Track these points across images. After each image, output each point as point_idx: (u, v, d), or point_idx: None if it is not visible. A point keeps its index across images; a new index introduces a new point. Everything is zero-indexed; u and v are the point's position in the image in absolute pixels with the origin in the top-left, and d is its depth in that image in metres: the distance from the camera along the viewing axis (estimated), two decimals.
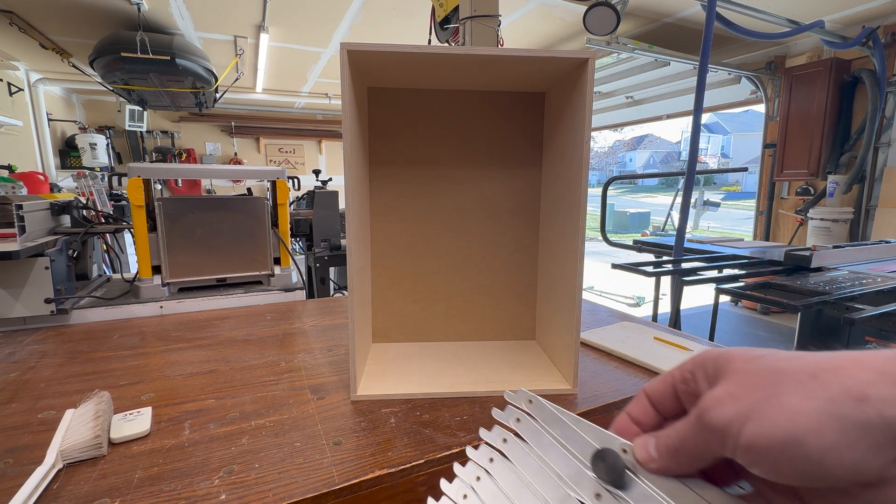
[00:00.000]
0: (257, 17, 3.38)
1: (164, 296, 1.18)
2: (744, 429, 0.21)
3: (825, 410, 0.19)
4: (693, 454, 0.24)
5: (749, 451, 0.21)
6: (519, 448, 0.32)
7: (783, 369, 0.21)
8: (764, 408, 0.21)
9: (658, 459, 0.25)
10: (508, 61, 0.66)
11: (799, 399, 0.20)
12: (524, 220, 0.89)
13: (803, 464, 0.19)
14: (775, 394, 0.21)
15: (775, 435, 0.20)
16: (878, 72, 3.28)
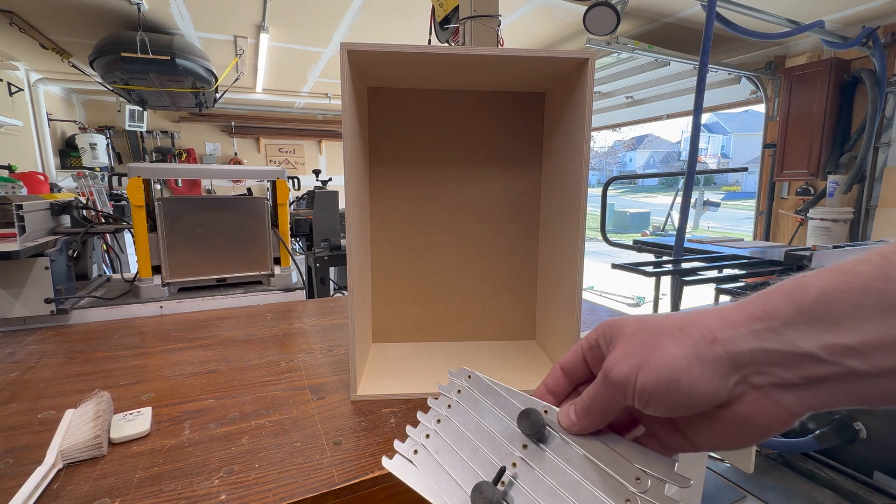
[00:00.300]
0: (257, 17, 3.38)
1: (164, 296, 1.18)
2: (638, 378, 0.27)
3: (691, 353, 0.26)
4: (603, 409, 0.30)
5: (642, 394, 0.27)
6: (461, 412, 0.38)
7: (660, 328, 0.28)
8: (649, 359, 0.27)
9: (578, 422, 0.31)
10: (508, 61, 0.66)
11: (672, 348, 0.26)
12: (524, 220, 0.89)
13: (679, 396, 0.26)
14: (656, 347, 0.27)
15: (659, 378, 0.26)
16: (878, 72, 3.28)
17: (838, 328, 0.22)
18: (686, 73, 4.23)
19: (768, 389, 0.24)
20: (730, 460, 0.87)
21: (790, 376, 0.24)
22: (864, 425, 1.71)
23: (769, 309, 0.24)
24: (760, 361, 0.24)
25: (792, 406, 0.24)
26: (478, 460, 0.35)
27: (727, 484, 1.85)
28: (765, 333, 0.24)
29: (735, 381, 0.25)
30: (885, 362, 0.21)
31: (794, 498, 1.78)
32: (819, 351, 0.23)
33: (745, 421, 0.25)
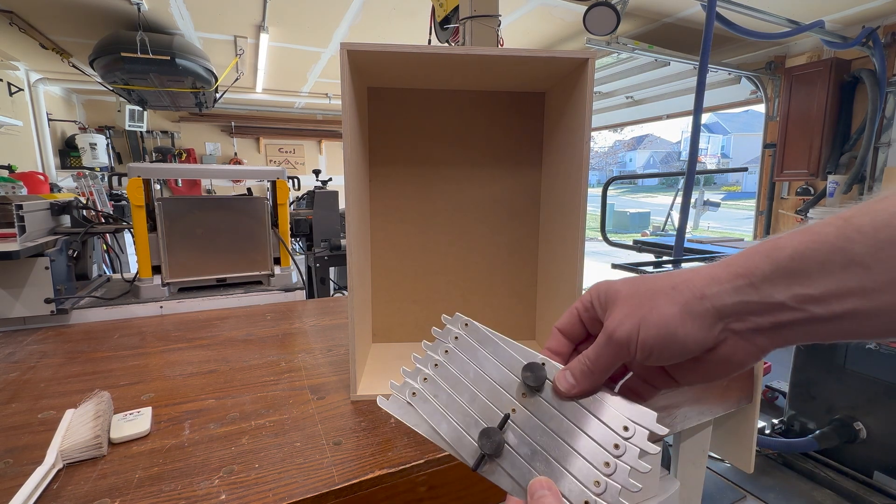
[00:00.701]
0: (257, 17, 3.38)
1: (164, 296, 1.18)
2: (639, 336, 0.31)
3: (684, 310, 0.30)
4: (604, 368, 0.33)
5: (644, 349, 0.31)
6: (458, 359, 0.39)
7: (655, 288, 0.31)
8: (648, 317, 0.30)
9: (577, 384, 0.34)
10: (508, 61, 0.66)
11: (668, 306, 0.30)
12: (524, 220, 0.89)
13: (676, 347, 0.30)
14: (653, 306, 0.31)
15: (659, 334, 0.30)
16: (878, 72, 3.28)
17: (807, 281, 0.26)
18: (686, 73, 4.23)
19: (746, 333, 0.29)
20: (730, 460, 0.87)
21: (764, 322, 0.29)
22: (864, 425, 1.71)
23: (750, 266, 0.29)
24: (741, 312, 0.29)
25: (763, 345, 0.30)
26: (477, 406, 0.36)
27: (727, 484, 1.85)
28: (745, 288, 0.28)
29: (719, 329, 0.30)
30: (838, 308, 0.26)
31: (794, 498, 1.78)
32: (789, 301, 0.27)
33: (725, 359, 0.31)
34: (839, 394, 1.79)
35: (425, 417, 0.36)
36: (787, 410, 2.00)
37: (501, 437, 0.33)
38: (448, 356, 0.39)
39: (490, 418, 0.35)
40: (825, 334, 0.27)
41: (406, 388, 0.38)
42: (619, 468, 0.31)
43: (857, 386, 1.73)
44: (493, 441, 0.33)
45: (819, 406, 1.86)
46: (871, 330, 0.26)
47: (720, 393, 0.78)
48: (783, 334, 0.28)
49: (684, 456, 0.90)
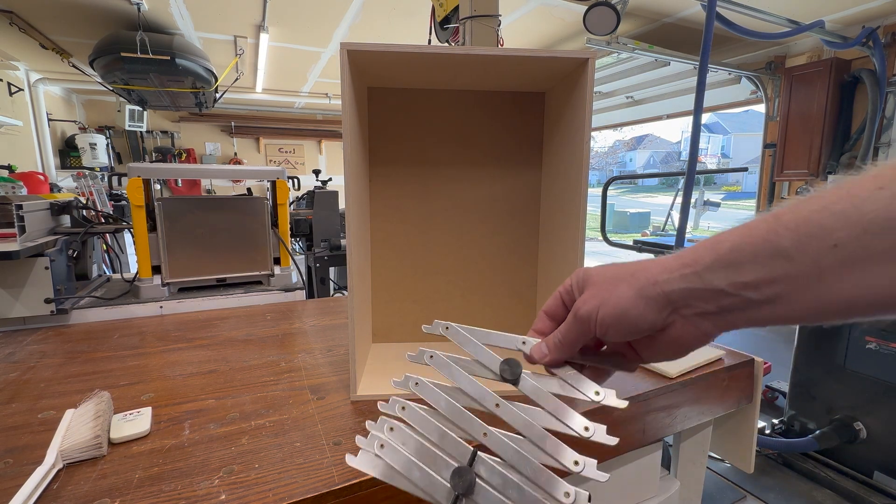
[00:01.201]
0: (257, 17, 3.38)
1: (164, 296, 1.18)
2: (598, 313, 0.35)
3: (638, 293, 0.34)
4: (572, 341, 0.38)
5: (601, 325, 0.35)
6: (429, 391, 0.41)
7: (618, 275, 0.36)
8: (608, 298, 0.35)
9: (549, 353, 0.39)
10: (508, 61, 0.66)
11: (625, 289, 0.35)
12: (524, 220, 0.89)
13: (628, 325, 0.34)
14: (614, 289, 0.35)
15: (614, 313, 0.35)
16: (878, 72, 3.28)
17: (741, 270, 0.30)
18: (686, 73, 4.23)
19: (692, 317, 0.33)
20: (730, 460, 0.87)
21: (708, 307, 0.32)
22: (864, 425, 1.71)
23: (696, 257, 0.32)
24: (687, 297, 0.33)
25: (707, 329, 0.33)
26: (447, 443, 0.38)
27: (727, 484, 1.85)
28: (691, 276, 0.32)
29: (668, 313, 0.34)
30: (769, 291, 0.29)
31: (794, 498, 1.78)
32: (727, 287, 0.31)
33: (675, 340, 0.35)
34: (839, 394, 1.79)
35: (396, 468, 0.37)
36: (787, 410, 2.00)
37: (472, 475, 0.35)
38: (419, 387, 0.42)
39: (461, 454, 0.37)
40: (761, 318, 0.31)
41: (374, 441, 0.39)
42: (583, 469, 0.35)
43: (857, 386, 1.73)
44: (464, 480, 0.35)
45: (819, 406, 1.86)
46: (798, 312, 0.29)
47: (720, 393, 0.78)
48: (725, 318, 0.32)
49: (684, 456, 0.90)
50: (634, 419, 0.68)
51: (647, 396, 0.68)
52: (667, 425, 0.72)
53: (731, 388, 0.80)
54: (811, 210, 0.28)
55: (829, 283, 0.27)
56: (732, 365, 0.79)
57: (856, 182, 0.27)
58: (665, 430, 0.72)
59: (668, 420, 0.72)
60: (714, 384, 0.77)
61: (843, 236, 0.26)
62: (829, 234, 0.27)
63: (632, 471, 0.78)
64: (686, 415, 0.75)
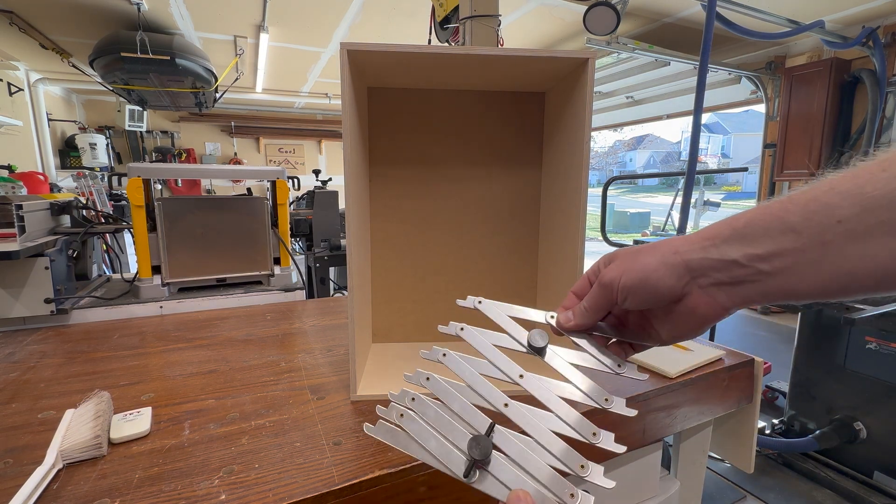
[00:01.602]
0: (257, 17, 3.38)
1: (164, 296, 1.18)
2: (621, 279, 0.37)
3: (660, 261, 0.36)
4: (595, 307, 0.40)
5: (623, 290, 0.37)
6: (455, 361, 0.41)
7: (642, 248, 0.39)
8: (630, 266, 0.37)
9: (574, 318, 0.42)
10: (508, 61, 0.66)
11: (648, 258, 0.37)
12: (524, 220, 0.89)
13: (648, 290, 0.36)
14: (637, 258, 0.38)
15: (636, 277, 0.37)
16: (878, 72, 3.28)
17: (754, 243, 0.33)
18: (686, 73, 4.23)
19: (708, 287, 0.35)
20: (730, 460, 0.87)
21: (722, 277, 0.34)
22: (864, 425, 1.71)
23: (715, 232, 0.35)
24: (704, 267, 0.35)
25: (723, 301, 0.35)
26: (467, 414, 0.38)
27: (727, 484, 1.85)
28: (709, 248, 0.35)
29: (686, 281, 0.36)
30: (779, 263, 0.32)
31: (794, 498, 1.78)
32: (741, 258, 0.33)
33: (691, 312, 0.36)
34: (839, 394, 1.79)
35: (413, 437, 0.37)
36: (787, 410, 2.00)
37: (489, 443, 0.35)
38: (446, 358, 0.42)
39: (480, 425, 0.37)
40: (772, 290, 0.33)
41: (393, 411, 0.39)
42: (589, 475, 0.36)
43: (857, 386, 1.73)
44: (481, 447, 0.35)
45: (819, 406, 1.86)
46: (806, 284, 0.31)
47: (720, 393, 0.78)
48: (738, 290, 0.34)
49: (684, 456, 0.90)
50: (634, 419, 0.68)
51: (647, 396, 0.68)
52: (667, 425, 0.72)
53: (731, 388, 0.80)
54: (820, 191, 0.30)
55: (833, 256, 0.30)
56: (732, 365, 0.79)
57: (862, 166, 0.29)
58: (665, 430, 0.72)
59: (668, 420, 0.72)
60: (714, 384, 0.77)
61: (847, 213, 0.29)
62: (833, 210, 0.29)
63: (632, 471, 0.78)
64: (686, 415, 0.75)
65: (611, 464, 0.74)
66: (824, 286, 0.31)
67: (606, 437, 0.37)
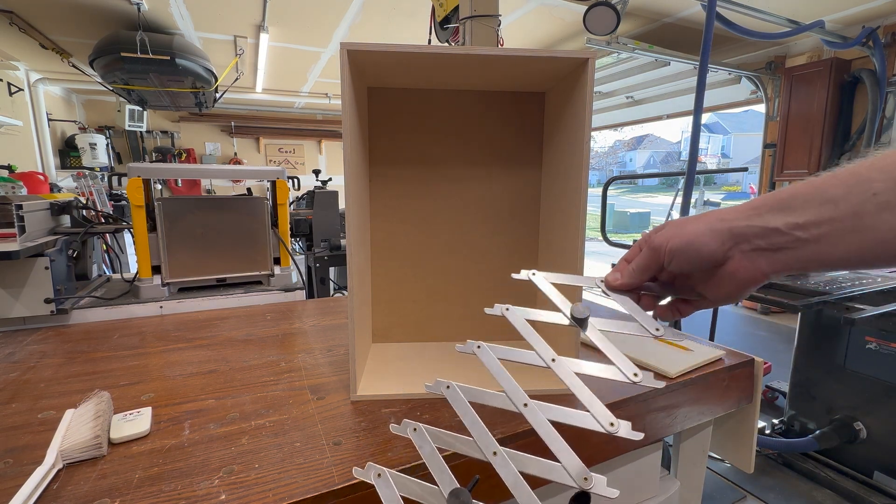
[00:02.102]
0: (257, 17, 3.38)
1: (164, 296, 1.18)
2: (669, 242, 0.41)
3: (706, 227, 0.40)
4: (643, 267, 0.44)
5: (670, 252, 0.41)
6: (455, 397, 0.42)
7: (691, 217, 0.42)
8: (679, 232, 0.41)
9: (621, 278, 0.45)
10: (508, 61, 0.66)
11: (696, 225, 0.41)
12: (524, 219, 0.89)
13: (693, 252, 0.40)
14: (686, 225, 0.41)
15: (683, 241, 0.40)
16: (878, 72, 3.28)
17: (795, 212, 0.36)
18: (686, 73, 4.23)
19: (749, 253, 0.38)
20: (730, 460, 0.87)
21: (762, 244, 0.38)
22: (864, 425, 1.71)
23: (760, 202, 0.38)
24: (747, 234, 0.38)
25: (763, 266, 0.38)
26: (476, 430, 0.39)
27: (727, 484, 1.85)
28: (753, 217, 0.38)
29: (729, 247, 0.39)
30: (816, 231, 0.35)
31: (794, 498, 1.78)
32: (781, 226, 0.36)
33: (732, 275, 0.39)
34: (839, 394, 1.79)
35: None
36: (787, 410, 2.00)
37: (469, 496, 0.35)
38: (480, 350, 0.45)
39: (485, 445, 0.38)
40: (808, 258, 0.36)
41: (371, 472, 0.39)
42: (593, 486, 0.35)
43: (857, 386, 1.73)
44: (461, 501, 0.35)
45: (819, 406, 1.86)
46: (840, 252, 0.34)
47: (720, 393, 0.78)
48: (777, 256, 0.37)
49: (684, 456, 0.90)
50: (634, 419, 0.68)
51: (647, 396, 0.68)
52: (667, 425, 0.72)
53: (731, 388, 0.80)
54: (862, 167, 0.34)
55: (867, 225, 0.33)
56: (732, 365, 0.79)
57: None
58: (665, 430, 0.72)
59: (668, 420, 0.72)
60: (714, 384, 0.77)
61: (882, 186, 0.32)
62: (870, 184, 0.32)
63: (632, 471, 0.78)
64: (686, 415, 0.75)
65: (610, 464, 0.74)
66: (858, 254, 0.34)
67: (623, 426, 0.38)
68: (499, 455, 0.38)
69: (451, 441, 0.40)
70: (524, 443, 0.57)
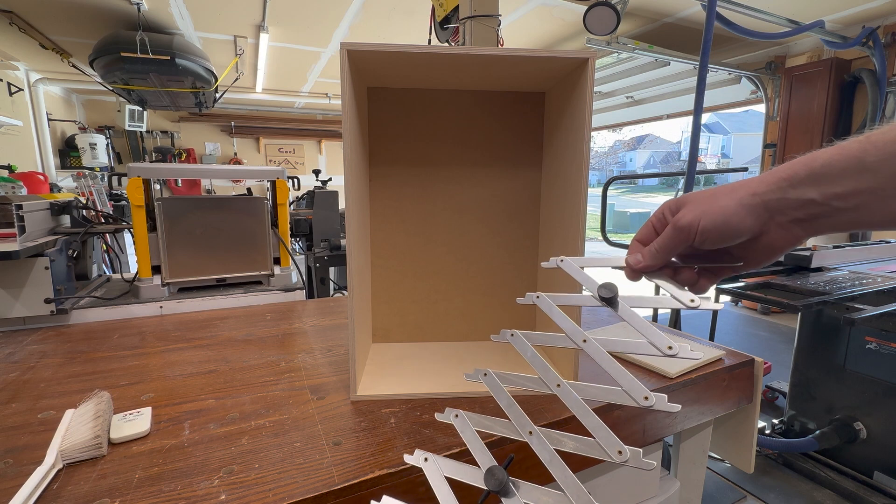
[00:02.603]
0: (257, 17, 3.38)
1: (164, 296, 1.18)
2: (700, 222, 0.40)
3: (739, 203, 0.39)
4: (668, 249, 0.43)
5: (703, 232, 0.40)
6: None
7: (717, 191, 0.41)
8: (709, 209, 0.40)
9: (643, 260, 0.44)
10: (508, 61, 0.66)
11: (726, 201, 0.40)
12: (524, 220, 0.89)
13: (730, 231, 0.40)
14: (715, 201, 0.40)
15: (716, 220, 0.39)
16: (878, 72, 3.28)
17: (831, 183, 0.36)
18: (686, 73, 4.23)
19: (786, 224, 0.39)
20: (730, 460, 0.87)
21: (800, 215, 0.38)
22: (864, 425, 1.71)
23: (791, 172, 0.38)
24: (783, 206, 0.38)
25: (798, 234, 0.39)
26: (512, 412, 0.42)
27: (727, 484, 1.85)
28: (787, 189, 0.38)
29: (765, 220, 0.39)
30: (854, 201, 0.35)
31: (794, 498, 1.78)
32: (818, 197, 0.36)
33: (768, 245, 0.40)
34: (839, 394, 1.79)
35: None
36: (787, 410, 2.00)
37: (504, 474, 0.37)
38: (513, 338, 0.46)
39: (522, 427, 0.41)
40: (844, 224, 0.36)
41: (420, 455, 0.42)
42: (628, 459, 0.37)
43: (857, 386, 1.73)
44: (496, 478, 0.37)
45: (819, 406, 1.86)
46: (877, 218, 0.35)
47: (720, 393, 0.78)
48: (813, 224, 0.38)
49: (684, 456, 0.90)
50: (634, 419, 0.68)
51: None
52: (667, 425, 0.72)
53: (731, 388, 0.80)
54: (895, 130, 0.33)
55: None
56: (732, 365, 0.79)
57: None
58: (665, 430, 0.72)
59: (668, 420, 0.72)
60: (714, 384, 0.77)
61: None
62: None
63: (632, 471, 0.78)
64: (686, 415, 0.75)
65: (611, 464, 0.74)
66: (893, 220, 0.35)
67: (660, 400, 0.38)
68: (534, 434, 0.40)
69: (490, 424, 0.43)
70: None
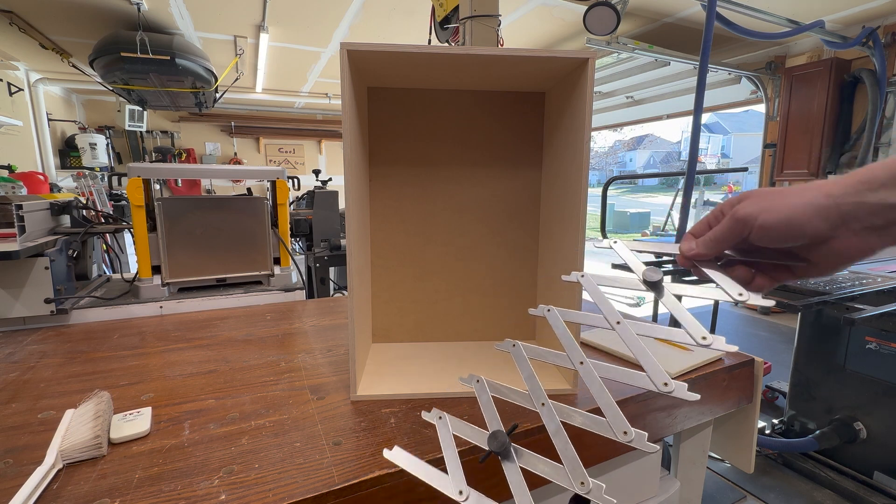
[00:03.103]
0: (257, 17, 3.38)
1: (164, 296, 1.18)
2: (759, 216, 0.38)
3: (808, 203, 0.36)
4: (723, 239, 0.41)
5: (763, 227, 0.38)
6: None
7: (784, 190, 0.38)
8: (774, 205, 0.38)
9: (697, 248, 0.42)
10: (508, 61, 0.66)
11: (794, 199, 0.37)
12: (524, 220, 0.89)
13: (793, 231, 0.37)
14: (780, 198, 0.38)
15: (780, 218, 0.37)
16: (878, 72, 3.28)
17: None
18: (686, 73, 4.23)
19: (860, 231, 0.36)
20: (730, 460, 0.87)
21: (878, 221, 0.35)
22: (864, 425, 1.71)
23: (870, 175, 0.35)
24: (858, 211, 0.35)
25: (873, 243, 0.36)
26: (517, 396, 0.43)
27: (727, 484, 1.85)
28: (865, 192, 0.35)
29: (836, 224, 0.36)
30: None
31: (794, 498, 1.78)
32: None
33: (838, 252, 0.37)
34: (839, 394, 1.79)
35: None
36: (787, 410, 2.00)
37: (506, 437, 0.38)
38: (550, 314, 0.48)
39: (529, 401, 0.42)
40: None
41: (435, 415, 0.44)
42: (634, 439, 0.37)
43: (857, 386, 1.73)
44: (498, 440, 0.38)
45: (819, 406, 1.86)
46: None
47: (720, 393, 0.78)
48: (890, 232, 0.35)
49: (684, 456, 0.90)
50: (634, 419, 0.68)
51: (647, 396, 0.68)
52: (667, 425, 0.72)
53: (731, 388, 0.80)
54: None
55: None
56: (732, 365, 0.79)
57: None
58: (665, 430, 0.72)
59: (668, 420, 0.72)
60: (714, 384, 0.77)
61: None
62: None
63: (632, 471, 0.78)
64: (686, 415, 0.75)
65: (610, 464, 0.74)
66: None
67: (679, 388, 0.38)
68: (546, 406, 0.41)
69: (507, 392, 0.45)
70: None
